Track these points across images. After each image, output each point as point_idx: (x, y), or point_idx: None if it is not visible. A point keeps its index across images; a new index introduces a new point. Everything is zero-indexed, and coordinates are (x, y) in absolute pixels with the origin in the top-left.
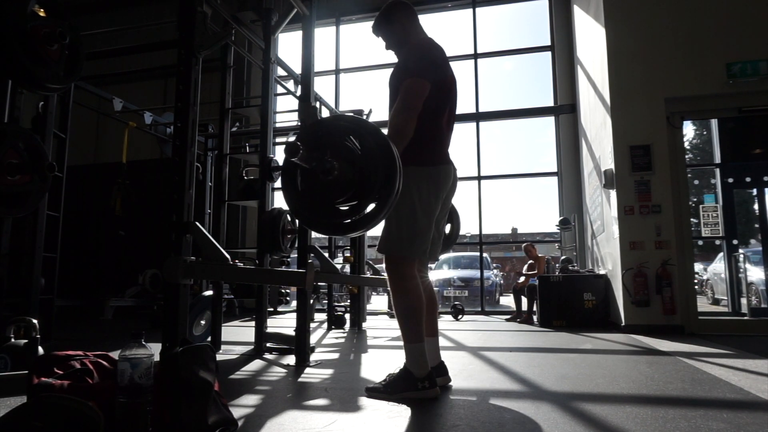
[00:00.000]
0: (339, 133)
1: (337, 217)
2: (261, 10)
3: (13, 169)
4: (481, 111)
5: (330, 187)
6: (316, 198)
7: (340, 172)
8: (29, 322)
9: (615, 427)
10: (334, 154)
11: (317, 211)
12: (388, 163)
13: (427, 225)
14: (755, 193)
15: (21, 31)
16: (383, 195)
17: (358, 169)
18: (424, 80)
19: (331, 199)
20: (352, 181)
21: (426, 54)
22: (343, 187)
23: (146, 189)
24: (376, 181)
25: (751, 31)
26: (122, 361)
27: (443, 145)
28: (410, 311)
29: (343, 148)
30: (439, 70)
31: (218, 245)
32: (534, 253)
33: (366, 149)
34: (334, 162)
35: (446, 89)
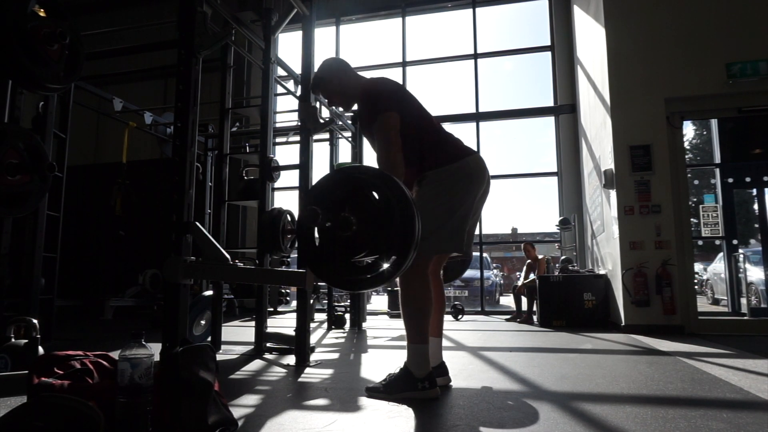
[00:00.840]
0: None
1: (356, 273)
2: (261, 10)
3: (13, 169)
4: (481, 111)
5: (348, 242)
6: (334, 254)
7: (359, 227)
8: (29, 322)
9: (615, 427)
10: (352, 208)
11: (335, 268)
12: (406, 215)
13: (447, 220)
14: (755, 193)
15: (21, 31)
16: (403, 249)
17: (377, 223)
18: (389, 113)
19: (349, 255)
20: (370, 236)
21: (377, 90)
22: (361, 243)
23: (146, 189)
24: (395, 235)
25: (751, 31)
26: (122, 361)
27: (451, 142)
28: (418, 312)
29: (361, 201)
30: (395, 95)
31: (218, 245)
32: (533, 254)
33: (384, 201)
34: (352, 217)
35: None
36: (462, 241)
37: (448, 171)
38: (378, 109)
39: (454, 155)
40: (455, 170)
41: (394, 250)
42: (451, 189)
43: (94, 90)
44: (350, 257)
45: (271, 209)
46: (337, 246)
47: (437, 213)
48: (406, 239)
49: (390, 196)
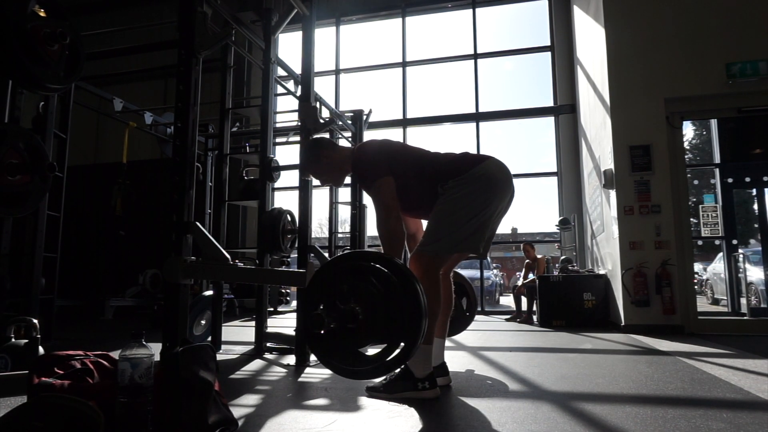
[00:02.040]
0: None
1: (363, 363)
2: (261, 10)
3: (13, 169)
4: (481, 111)
5: (354, 333)
6: (341, 346)
7: (364, 316)
8: (30, 322)
9: (615, 427)
10: (357, 298)
11: (342, 359)
12: (412, 302)
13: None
14: (755, 193)
15: (21, 31)
16: (411, 335)
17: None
18: (382, 178)
19: (354, 345)
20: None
21: (364, 159)
22: (368, 333)
23: (146, 189)
24: (402, 321)
25: (751, 31)
26: (122, 360)
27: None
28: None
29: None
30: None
31: (218, 245)
32: (532, 254)
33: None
34: (357, 308)
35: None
36: (480, 242)
37: (469, 177)
38: (369, 181)
39: (472, 162)
40: (476, 175)
41: (402, 337)
42: (473, 192)
43: (94, 90)
44: (355, 347)
45: (271, 209)
46: (343, 337)
47: (457, 215)
48: (413, 326)
49: (393, 279)
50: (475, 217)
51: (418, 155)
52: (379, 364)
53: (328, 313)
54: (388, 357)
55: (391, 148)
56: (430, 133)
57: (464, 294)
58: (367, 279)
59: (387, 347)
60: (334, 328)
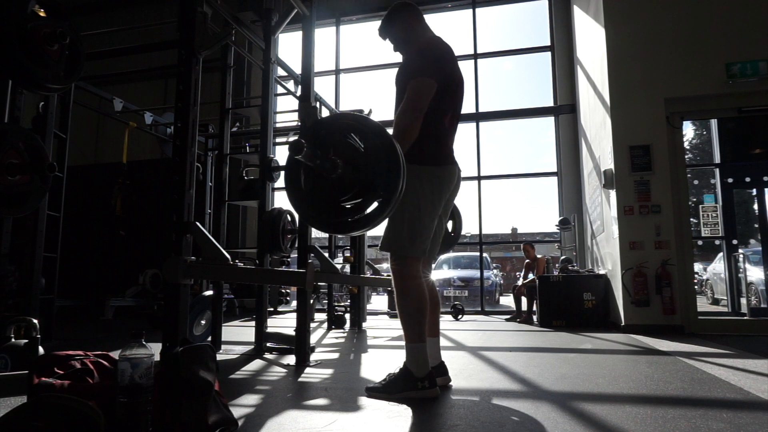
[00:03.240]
0: (342, 131)
1: (341, 215)
2: (261, 10)
3: (13, 169)
4: (481, 111)
5: (334, 185)
6: (320, 196)
7: (344, 170)
8: (30, 322)
9: (615, 427)
10: (338, 152)
11: (321, 210)
12: (391, 162)
13: (429, 224)
14: (755, 193)
15: (21, 31)
16: (387, 193)
17: (362, 168)
18: (430, 79)
19: (334, 197)
20: (355, 179)
21: (432, 53)
22: (346, 186)
23: (146, 189)
24: (379, 179)
25: (751, 31)
26: (122, 360)
27: (447, 145)
28: (413, 311)
29: (347, 146)
30: (445, 68)
31: (218, 245)
32: (532, 254)
33: (370, 147)
34: (338, 160)
35: (453, 89)
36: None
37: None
38: (417, 72)
39: (440, 158)
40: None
41: (379, 193)
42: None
43: (94, 90)
44: (336, 199)
45: (271, 209)
46: (324, 188)
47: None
48: (390, 182)
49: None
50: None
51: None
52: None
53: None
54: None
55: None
56: None
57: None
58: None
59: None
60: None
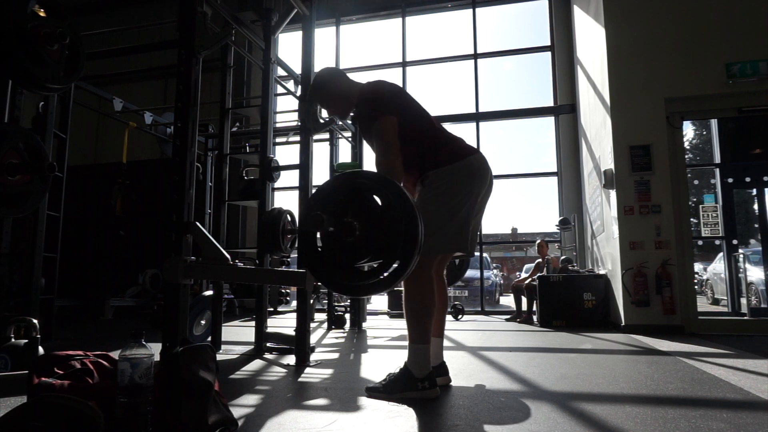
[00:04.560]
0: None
1: (359, 278)
2: (261, 10)
3: (13, 169)
4: (481, 111)
5: (350, 248)
6: (337, 260)
7: (362, 232)
8: (29, 322)
9: (615, 427)
10: (355, 213)
11: (338, 274)
12: (409, 220)
13: (447, 220)
14: (755, 193)
15: (21, 31)
16: (406, 254)
17: (380, 229)
18: (387, 116)
19: (352, 260)
20: (373, 242)
21: (376, 93)
22: (364, 248)
23: (146, 189)
24: (398, 239)
25: (751, 31)
26: (122, 361)
27: (452, 141)
28: (420, 312)
29: (364, 206)
30: (395, 96)
31: (218, 245)
32: (546, 251)
33: (387, 207)
34: (355, 222)
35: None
36: (466, 241)
37: (450, 171)
38: (376, 113)
39: (455, 154)
40: (457, 170)
41: (398, 255)
42: (453, 189)
43: (94, 90)
44: (353, 262)
45: (271, 209)
46: (340, 251)
47: (440, 213)
48: (408, 244)
49: (392, 201)
50: (457, 214)
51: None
52: (375, 280)
53: (327, 218)
54: (384, 273)
55: (405, 96)
56: None
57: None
58: (367, 197)
59: (382, 263)
60: (332, 245)
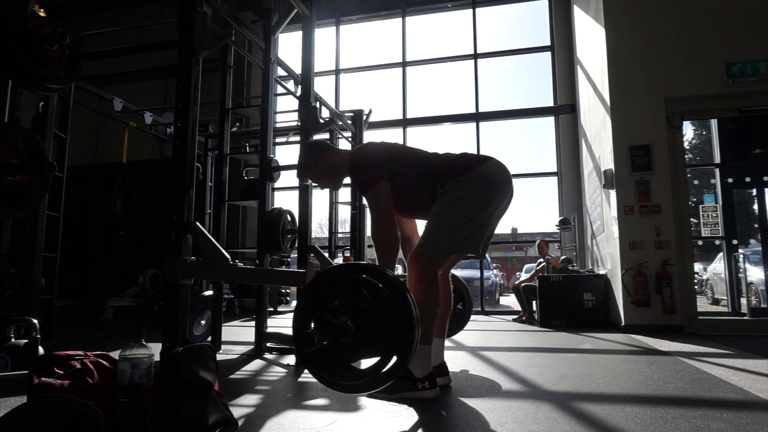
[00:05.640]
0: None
1: (357, 377)
2: (261, 10)
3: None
4: (481, 111)
5: (345, 347)
6: (333, 360)
7: (357, 330)
8: (29, 322)
9: (615, 427)
10: (348, 312)
11: (335, 373)
12: (405, 314)
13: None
14: (755, 193)
15: (21, 31)
16: (404, 348)
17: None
18: (379, 184)
19: (348, 360)
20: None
21: (362, 162)
22: (360, 347)
23: (146, 189)
24: (395, 334)
25: (751, 31)
26: (122, 361)
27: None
28: (425, 312)
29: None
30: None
31: (218, 245)
32: (546, 251)
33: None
34: (348, 322)
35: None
36: (479, 243)
37: (469, 178)
38: (366, 183)
39: (471, 163)
40: (476, 177)
41: (395, 351)
42: (473, 195)
43: (94, 90)
44: (349, 362)
45: (271, 209)
46: (335, 351)
47: (454, 218)
48: (406, 338)
49: (386, 292)
50: (474, 218)
51: (418, 157)
52: (373, 377)
53: (318, 330)
54: (382, 370)
55: (389, 151)
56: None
57: (461, 299)
58: (358, 291)
59: (380, 360)
60: (326, 346)
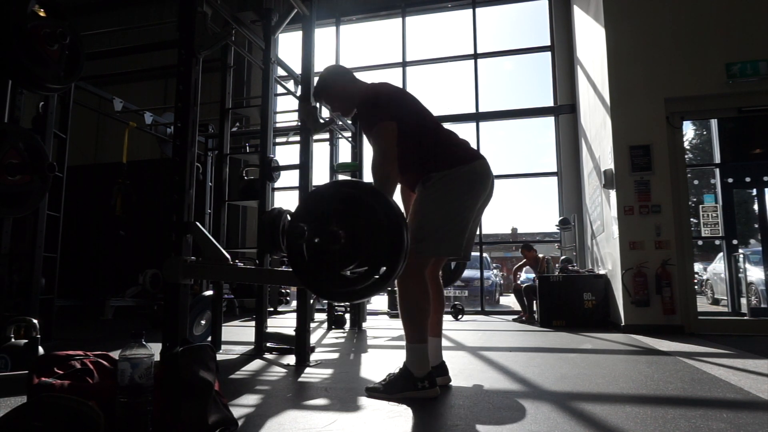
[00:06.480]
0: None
1: (346, 285)
2: (261, 10)
3: (13, 169)
4: (481, 111)
5: (336, 256)
6: (324, 268)
7: (347, 239)
8: (29, 322)
9: (615, 427)
10: (339, 222)
11: (326, 281)
12: (394, 227)
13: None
14: (755, 193)
15: (21, 31)
16: (392, 260)
17: (365, 236)
18: (386, 122)
19: (338, 268)
20: (359, 249)
21: (376, 96)
22: (350, 256)
23: (146, 189)
24: (383, 245)
25: (751, 31)
26: (122, 361)
27: (457, 145)
28: (415, 312)
29: (349, 215)
30: (395, 100)
31: (218, 245)
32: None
33: (371, 214)
34: (340, 231)
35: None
36: (460, 246)
37: (452, 175)
38: (375, 118)
39: (459, 158)
40: (459, 174)
41: (384, 261)
42: (453, 193)
43: (94, 90)
44: (339, 270)
45: (271, 209)
46: (326, 259)
47: (437, 216)
48: (394, 250)
49: (377, 209)
50: (454, 218)
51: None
52: (362, 285)
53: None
54: (369, 280)
55: (406, 98)
56: None
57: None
58: (351, 205)
59: (369, 270)
60: (317, 252)
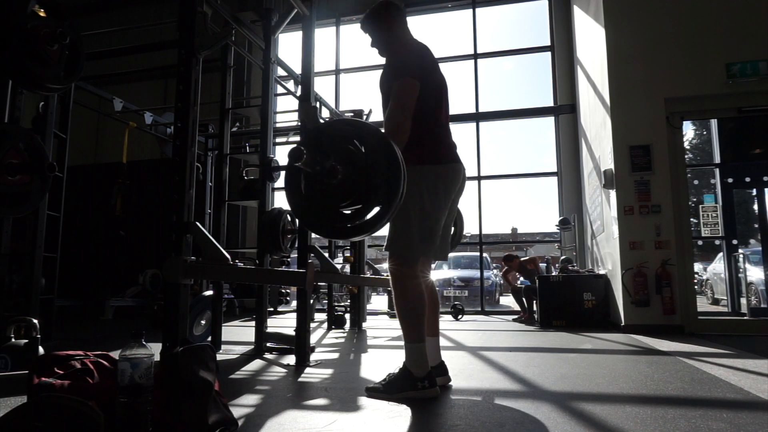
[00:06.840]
0: (343, 137)
1: (341, 221)
2: (261, 10)
3: (13, 169)
4: (481, 111)
5: (334, 190)
6: (320, 202)
7: (344, 175)
8: (30, 322)
9: (615, 427)
10: (338, 158)
11: (321, 215)
12: (391, 167)
13: (434, 224)
14: (755, 193)
15: (21, 31)
16: (387, 198)
17: (362, 173)
18: (413, 79)
19: (334, 202)
20: (356, 185)
21: (413, 54)
22: (347, 191)
23: (146, 189)
24: (380, 184)
25: (751, 31)
26: (122, 361)
27: (447, 143)
28: (412, 311)
29: (347, 152)
30: (427, 69)
31: (218, 245)
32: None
33: (369, 153)
34: (338, 166)
35: (438, 89)
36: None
37: (432, 171)
38: (399, 73)
39: (442, 156)
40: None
41: (379, 200)
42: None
43: (94, 90)
44: (336, 205)
45: (271, 209)
46: (323, 193)
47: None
48: (391, 189)
49: (378, 151)
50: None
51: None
52: (358, 222)
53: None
54: (366, 216)
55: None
56: None
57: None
58: (352, 144)
59: (363, 207)
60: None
